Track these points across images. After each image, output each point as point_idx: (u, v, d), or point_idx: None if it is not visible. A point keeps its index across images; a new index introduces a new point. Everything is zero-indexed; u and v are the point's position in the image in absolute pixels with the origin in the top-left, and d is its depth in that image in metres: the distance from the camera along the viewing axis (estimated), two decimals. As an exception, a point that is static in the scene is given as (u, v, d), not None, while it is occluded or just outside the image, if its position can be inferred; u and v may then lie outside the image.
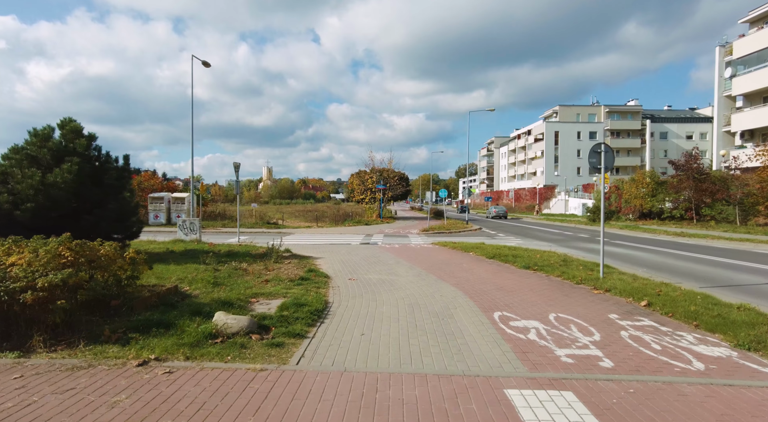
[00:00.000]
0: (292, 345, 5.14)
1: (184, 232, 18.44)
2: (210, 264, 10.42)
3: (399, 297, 7.75)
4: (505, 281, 9.59)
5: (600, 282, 9.11)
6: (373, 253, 14.90)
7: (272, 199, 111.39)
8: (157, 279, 8.57)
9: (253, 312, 6.37)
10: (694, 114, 76.57)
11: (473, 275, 10.33)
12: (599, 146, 9.80)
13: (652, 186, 36.31)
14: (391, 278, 9.72)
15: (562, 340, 5.45)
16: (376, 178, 40.13)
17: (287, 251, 14.54)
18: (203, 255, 12.36)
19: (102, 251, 5.79)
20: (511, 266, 11.94)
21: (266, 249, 13.54)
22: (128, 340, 4.95)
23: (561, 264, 11.89)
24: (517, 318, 6.46)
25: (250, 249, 14.80)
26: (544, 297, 8.03)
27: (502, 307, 7.15)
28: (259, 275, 9.53)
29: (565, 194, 63.88)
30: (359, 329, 5.80)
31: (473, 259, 13.33)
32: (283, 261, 11.83)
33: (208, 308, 6.23)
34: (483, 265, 12.05)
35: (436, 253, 15.02)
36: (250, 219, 33.47)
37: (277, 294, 7.61)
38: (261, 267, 10.56)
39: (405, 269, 11.13)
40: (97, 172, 12.05)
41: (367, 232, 26.55)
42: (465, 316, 6.53)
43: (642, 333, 5.77)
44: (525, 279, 9.81)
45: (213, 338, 5.14)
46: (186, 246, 15.95)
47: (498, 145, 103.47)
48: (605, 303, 7.52)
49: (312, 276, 9.40)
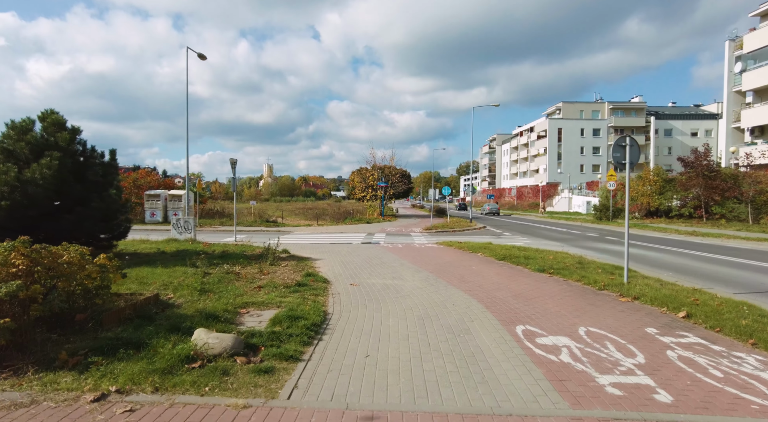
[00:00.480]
0: (283, 370, 4.33)
1: (178, 231, 17.64)
2: (200, 267, 9.63)
3: (407, 307, 6.94)
4: (522, 287, 8.78)
5: (625, 289, 8.30)
6: (376, 254, 14.09)
7: (273, 197, 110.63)
8: (139, 286, 7.77)
9: (240, 327, 5.56)
10: (699, 111, 75.61)
11: (485, 280, 9.51)
12: (624, 139, 8.98)
13: (659, 183, 35.48)
14: (397, 283, 8.91)
15: (601, 363, 4.64)
16: (378, 175, 39.30)
17: (285, 252, 13.73)
18: (195, 256, 11.57)
19: (65, 257, 4.98)
20: (525, 269, 11.13)
21: (263, 249, 12.76)
22: (88, 366, 4.14)
23: (577, 267, 11.08)
24: (544, 334, 5.65)
25: (246, 250, 14.00)
26: (568, 306, 7.22)
27: (524, 319, 6.34)
28: (253, 280, 8.71)
29: (568, 192, 63.03)
30: (363, 349, 4.99)
31: (482, 261, 12.52)
32: (280, 263, 11.03)
33: (190, 322, 5.42)
34: (494, 268, 11.24)
35: (441, 254, 14.21)
36: (248, 217, 32.67)
37: (271, 303, 6.80)
38: (255, 271, 9.75)
39: (411, 272, 10.31)
40: (80, 168, 11.23)
41: (368, 231, 25.75)
42: (484, 331, 5.72)
43: (692, 353, 4.96)
44: (542, 285, 8.99)
45: (190, 362, 4.33)
46: (179, 246, 15.15)
47: (500, 142, 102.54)
48: (637, 314, 6.70)
49: (310, 281, 8.58)
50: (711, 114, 72.52)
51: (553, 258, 12.46)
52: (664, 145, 73.44)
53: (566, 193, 63.19)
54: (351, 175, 43.61)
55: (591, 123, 74.13)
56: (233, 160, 19.50)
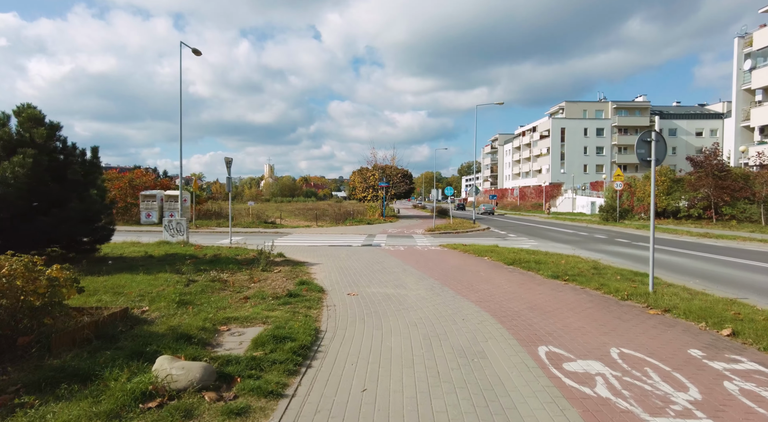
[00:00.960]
0: (260, 411, 3.52)
1: (170, 233, 16.85)
2: (186, 273, 8.84)
3: (411, 322, 6.13)
4: (537, 296, 7.96)
5: (652, 299, 7.48)
6: (377, 258, 13.27)
7: (273, 197, 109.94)
8: (112, 297, 6.96)
9: (217, 350, 4.75)
10: (704, 110, 74.70)
11: (496, 288, 8.69)
12: (648, 134, 8.16)
13: (667, 183, 34.61)
14: (399, 292, 8.09)
15: (647, 399, 3.82)
16: (379, 175, 38.49)
17: (280, 255, 12.94)
18: (183, 261, 10.80)
19: (4, 270, 4.18)
20: (537, 275, 10.31)
21: (256, 253, 11.98)
22: (14, 409, 3.33)
23: (594, 273, 10.26)
24: (571, 357, 4.84)
25: (239, 254, 13.21)
26: (592, 320, 6.40)
27: (546, 338, 5.52)
28: (240, 289, 7.91)
29: (572, 192, 62.14)
30: (359, 380, 4.17)
31: (490, 266, 11.70)
32: (273, 269, 10.22)
33: (157, 344, 4.62)
34: (503, 274, 10.42)
35: (446, 258, 13.39)
36: (246, 218, 31.88)
37: (256, 318, 5.98)
38: (245, 278, 8.95)
39: (414, 279, 9.49)
40: (58, 166, 10.44)
41: (369, 232, 24.94)
42: (502, 354, 4.91)
43: (755, 385, 4.14)
44: (559, 294, 8.17)
45: (147, 399, 3.53)
46: (169, 249, 14.36)
47: (502, 142, 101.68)
48: (673, 331, 5.88)
49: (303, 290, 7.77)
50: (716, 113, 71.62)
51: (566, 263, 11.65)
52: (669, 145, 72.10)
53: (570, 194, 62.30)
54: (351, 175, 42.83)
55: (594, 122, 73.25)
56: (228, 159, 18.71)
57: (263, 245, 12.62)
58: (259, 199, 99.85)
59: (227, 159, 18.65)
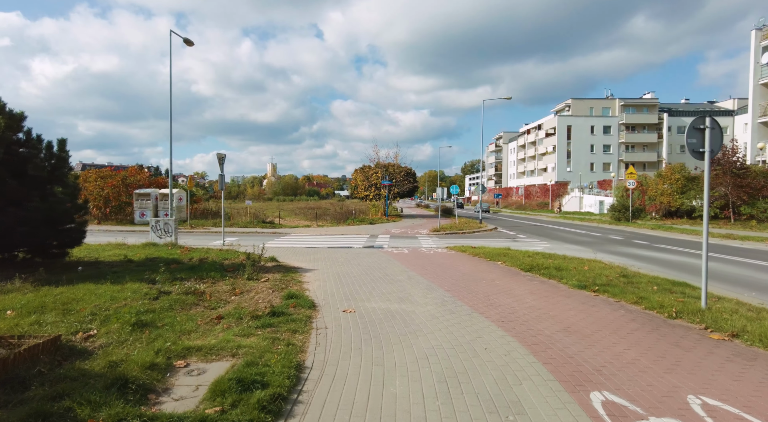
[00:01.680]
0: None
1: (158, 234, 15.65)
2: (160, 283, 7.62)
3: (421, 355, 4.85)
4: (567, 313, 6.69)
5: (709, 318, 6.19)
6: (379, 262, 12.03)
7: (275, 196, 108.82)
8: (58, 316, 5.73)
9: (158, 407, 3.50)
10: (714, 107, 73.10)
11: (518, 302, 7.42)
12: (702, 120, 6.90)
13: (681, 182, 33.21)
14: (405, 308, 6.83)
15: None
16: (381, 173, 37.21)
17: (272, 260, 11.72)
18: (165, 266, 9.59)
19: None
20: (560, 285, 9.04)
21: (246, 256, 10.77)
22: None
23: (624, 282, 8.98)
24: (639, 412, 3.56)
25: (228, 257, 12.00)
26: (645, 348, 5.13)
27: (596, 378, 4.25)
28: (217, 303, 6.66)
29: (578, 191, 60.73)
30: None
31: (506, 273, 10.44)
32: (261, 276, 8.98)
33: (73, 399, 3.37)
34: (522, 283, 9.15)
35: (455, 262, 12.13)
36: (244, 217, 30.67)
37: (224, 349, 4.72)
38: (226, 288, 7.71)
39: (422, 291, 8.22)
40: (17, 161, 9.22)
41: (371, 232, 23.70)
42: (544, 406, 3.64)
43: None
44: (593, 310, 6.90)
45: None
46: (153, 252, 13.16)
47: (507, 140, 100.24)
48: (758, 367, 4.61)
49: (290, 306, 6.50)
50: (726, 110, 69.98)
51: (590, 270, 10.37)
52: (678, 143, 70.93)
53: (577, 193, 60.87)
54: (353, 173, 41.57)
55: (601, 120, 71.70)
56: (221, 154, 17.50)
57: (254, 248, 11.43)
58: (261, 198, 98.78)
59: (219, 155, 17.44)
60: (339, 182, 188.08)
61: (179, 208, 29.27)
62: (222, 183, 17.68)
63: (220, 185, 17.65)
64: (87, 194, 28.55)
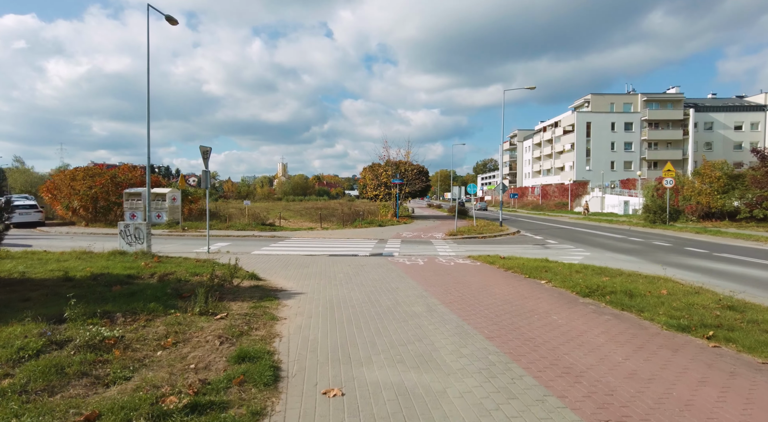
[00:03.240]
0: None
1: (127, 241, 13.25)
2: (67, 321, 5.14)
3: None
4: (709, 401, 4.04)
5: None
6: (388, 280, 9.45)
7: (285, 196, 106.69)
8: None
9: None
10: (744, 102, 69.19)
11: (601, 359, 4.78)
12: None
13: (723, 180, 30.08)
14: (428, 383, 4.14)
15: None
16: (392, 171, 34.59)
17: (252, 276, 9.24)
18: (107, 288, 7.17)
19: None
20: (644, 322, 6.37)
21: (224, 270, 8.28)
22: None
23: (737, 318, 6.29)
24: None
25: (202, 271, 9.52)
26: None
27: None
28: (122, 371, 4.12)
29: (599, 190, 57.50)
30: None
31: (558, 299, 7.79)
32: (221, 309, 6.44)
33: None
34: (588, 318, 6.50)
35: (486, 280, 9.50)
36: (242, 219, 28.27)
37: None
38: (157, 335, 5.15)
39: (451, 337, 5.56)
40: None
41: (380, 236, 21.14)
42: None
43: None
44: (746, 392, 4.24)
45: None
46: (112, 264, 10.75)
47: (521, 138, 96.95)
48: None
49: (234, 383, 3.85)
50: (758, 105, 66.19)
51: (671, 295, 7.69)
52: (704, 140, 67.24)
53: (597, 192, 57.66)
54: (362, 171, 39.01)
55: (623, 116, 68.23)
56: (204, 148, 15.06)
57: (238, 259, 8.93)
58: (270, 198, 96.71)
59: (203, 148, 15.00)
60: (349, 182, 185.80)
61: (173, 209, 26.98)
62: (207, 180, 15.22)
63: (204, 183, 15.19)
64: (74, 194, 26.42)
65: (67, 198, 26.73)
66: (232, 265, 8.20)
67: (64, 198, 26.91)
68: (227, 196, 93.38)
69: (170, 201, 26.97)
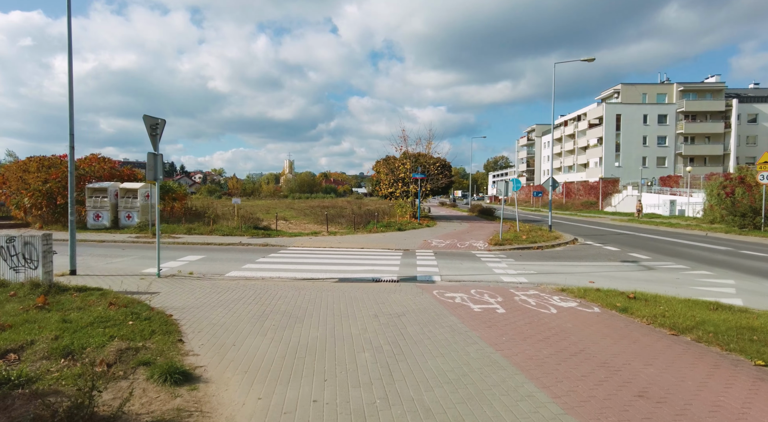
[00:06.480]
0: None
1: (10, 265, 8.16)
2: None
3: None
4: None
5: None
6: (461, 366, 4.31)
7: (291, 193, 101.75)
8: None
9: None
10: (791, 92, 63.10)
11: None
12: None
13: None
14: None
15: None
16: (411, 164, 29.36)
17: (172, 373, 4.11)
18: None
19: None
20: None
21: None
22: None
23: None
24: None
25: (83, 343, 4.42)
26: None
27: None
28: None
29: (632, 188, 51.74)
30: None
31: None
32: None
33: None
34: None
35: (650, 358, 4.34)
36: (230, 221, 23.18)
37: None
38: None
39: None
40: None
41: (403, 245, 16.02)
42: None
43: None
44: None
45: None
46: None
47: (540, 133, 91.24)
48: None
49: None
50: (809, 96, 60.15)
51: None
52: (746, 133, 61.33)
53: (631, 190, 51.80)
54: (375, 165, 33.74)
55: (656, 108, 62.45)
56: (154, 120, 9.97)
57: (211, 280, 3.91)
58: (276, 195, 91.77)
59: (151, 120, 9.89)
60: (357, 179, 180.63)
61: (144, 208, 21.95)
62: (157, 168, 10.04)
63: (153, 174, 9.99)
64: (24, 189, 21.50)
65: (17, 194, 21.81)
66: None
67: (14, 194, 22.01)
68: (232, 193, 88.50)
69: (143, 198, 21.95)
